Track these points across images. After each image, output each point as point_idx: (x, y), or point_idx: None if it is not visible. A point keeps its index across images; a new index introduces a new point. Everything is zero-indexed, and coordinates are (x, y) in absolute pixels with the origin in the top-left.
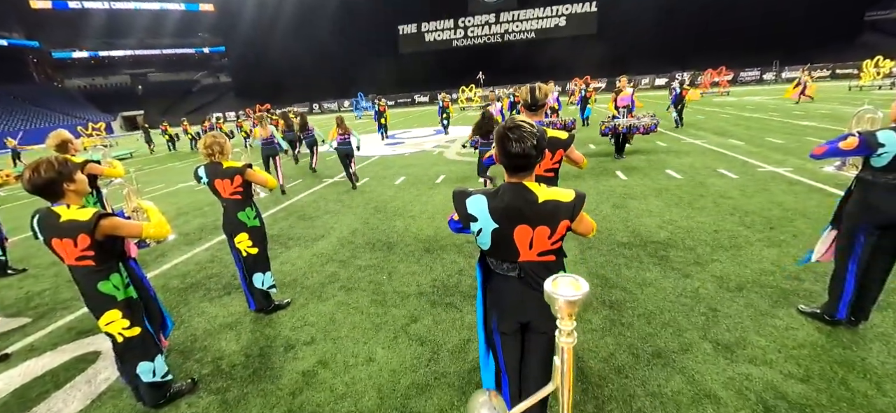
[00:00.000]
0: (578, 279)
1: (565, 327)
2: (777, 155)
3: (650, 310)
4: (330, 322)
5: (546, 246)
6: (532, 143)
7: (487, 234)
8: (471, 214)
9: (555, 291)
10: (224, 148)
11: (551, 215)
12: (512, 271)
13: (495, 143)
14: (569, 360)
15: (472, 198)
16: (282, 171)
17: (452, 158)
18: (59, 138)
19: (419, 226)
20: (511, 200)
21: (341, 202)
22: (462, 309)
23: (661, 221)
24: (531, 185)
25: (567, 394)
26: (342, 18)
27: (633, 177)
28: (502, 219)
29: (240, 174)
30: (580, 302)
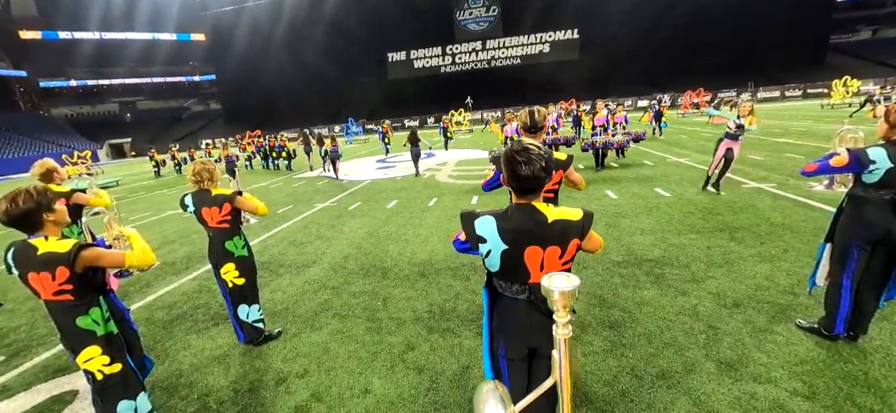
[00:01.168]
0: (570, 275)
1: (561, 319)
2: (760, 171)
3: (650, 329)
4: (324, 352)
5: (557, 266)
6: (541, 165)
7: (497, 256)
8: (480, 235)
9: (550, 285)
10: (213, 175)
11: (561, 235)
12: (521, 294)
13: (503, 165)
14: (566, 352)
15: (480, 218)
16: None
17: (444, 181)
18: (43, 167)
19: (413, 250)
20: (521, 221)
21: (333, 227)
22: (460, 334)
23: (653, 239)
24: (540, 205)
25: (566, 387)
26: (331, 45)
27: (623, 195)
28: (512, 240)
29: (229, 202)
30: (573, 293)
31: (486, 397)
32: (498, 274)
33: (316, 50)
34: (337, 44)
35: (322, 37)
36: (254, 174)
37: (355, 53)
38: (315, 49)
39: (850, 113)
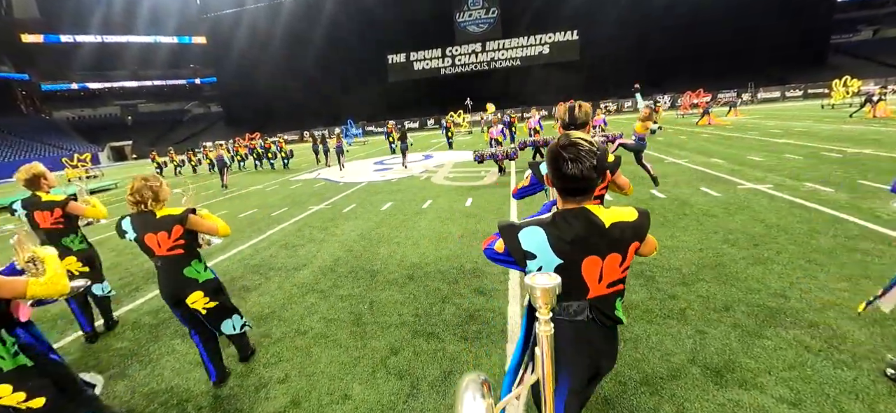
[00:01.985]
0: (552, 274)
1: (543, 316)
2: (757, 172)
3: (637, 333)
4: (306, 357)
5: (617, 275)
6: (591, 163)
7: (550, 272)
8: (527, 251)
9: (533, 283)
10: (158, 193)
11: (621, 240)
12: (581, 314)
13: (547, 162)
14: (548, 348)
15: (526, 230)
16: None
17: (440, 183)
18: (29, 173)
19: (404, 252)
20: (575, 229)
21: (326, 230)
22: (444, 339)
23: None
24: (594, 208)
25: (549, 383)
26: (331, 48)
27: (618, 197)
28: (567, 252)
29: (179, 223)
30: (555, 290)
31: (467, 387)
32: None
33: (316, 52)
34: (337, 46)
35: (322, 39)
36: (249, 175)
37: (355, 56)
38: (315, 51)
39: (850, 113)
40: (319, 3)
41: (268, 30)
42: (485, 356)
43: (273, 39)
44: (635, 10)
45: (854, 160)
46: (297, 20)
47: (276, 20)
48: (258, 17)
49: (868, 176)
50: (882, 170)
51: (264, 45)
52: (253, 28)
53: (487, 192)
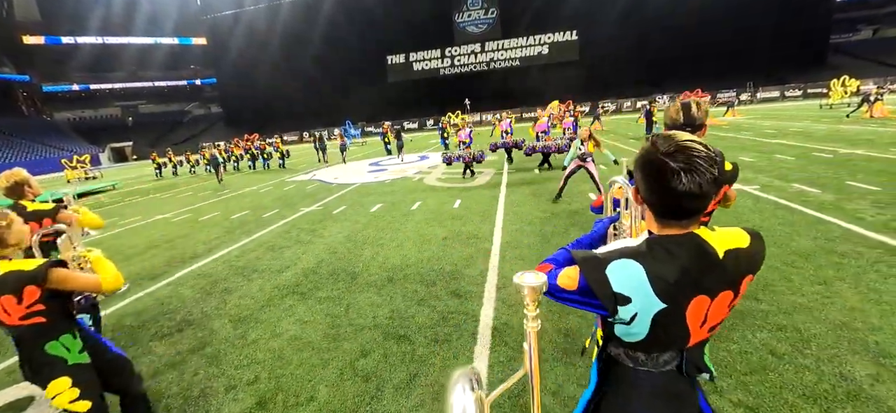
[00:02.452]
0: (539, 274)
1: (530, 313)
2: (747, 173)
3: None
4: (277, 359)
5: (723, 315)
6: (711, 175)
7: (646, 321)
8: (619, 294)
9: (521, 281)
10: (3, 238)
11: (734, 273)
12: (670, 364)
13: (642, 174)
14: (535, 344)
15: (616, 265)
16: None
17: (432, 184)
18: (11, 180)
19: (386, 254)
20: (684, 262)
21: (314, 231)
22: (414, 341)
23: None
24: (705, 233)
25: (535, 378)
26: (331, 49)
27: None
28: (671, 293)
29: (33, 283)
30: (542, 288)
31: (458, 379)
32: (639, 344)
33: (316, 53)
34: (336, 47)
35: (321, 40)
36: (245, 176)
37: (355, 56)
38: (315, 52)
39: (847, 113)
40: (319, 4)
41: (267, 30)
42: (452, 358)
43: (272, 40)
44: (634, 10)
45: (845, 161)
46: (296, 21)
47: (275, 21)
48: (258, 17)
49: (857, 177)
50: (872, 171)
51: (264, 46)
52: (252, 29)
53: (476, 193)
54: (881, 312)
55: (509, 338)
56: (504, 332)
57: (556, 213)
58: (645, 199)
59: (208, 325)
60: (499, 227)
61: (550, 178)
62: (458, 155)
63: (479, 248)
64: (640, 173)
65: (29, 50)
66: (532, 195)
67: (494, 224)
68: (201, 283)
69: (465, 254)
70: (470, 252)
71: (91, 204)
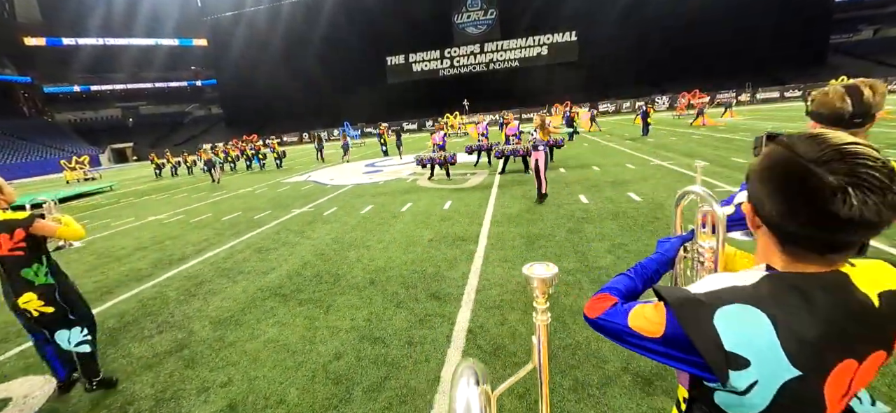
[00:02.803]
0: (549, 264)
1: (540, 306)
2: (738, 174)
3: (577, 341)
4: (253, 361)
5: (868, 380)
6: (893, 196)
7: (770, 392)
8: (735, 355)
9: (531, 273)
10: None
11: (888, 325)
12: None
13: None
14: (544, 338)
15: (728, 312)
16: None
17: (425, 185)
18: None
19: (371, 256)
20: (829, 313)
21: (302, 233)
22: (389, 344)
23: (610, 245)
24: (853, 272)
25: (544, 371)
26: (331, 50)
27: (595, 200)
28: (810, 358)
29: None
30: (552, 280)
31: (462, 372)
32: None
33: (315, 54)
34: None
35: (321, 41)
36: (242, 176)
37: (355, 57)
38: (315, 53)
39: None
40: (318, 5)
41: (267, 32)
42: (424, 361)
43: (273, 41)
44: (634, 11)
45: None
46: (296, 22)
47: (275, 22)
48: (258, 19)
49: None
50: None
51: (264, 47)
52: (253, 30)
53: (468, 194)
54: None
55: (483, 341)
56: (478, 334)
57: (544, 215)
58: (775, 225)
59: (188, 327)
60: (486, 229)
61: None
62: (429, 157)
63: (464, 249)
64: (769, 187)
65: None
66: (523, 197)
67: (482, 226)
68: (186, 285)
69: (449, 256)
70: (454, 254)
71: (88, 205)
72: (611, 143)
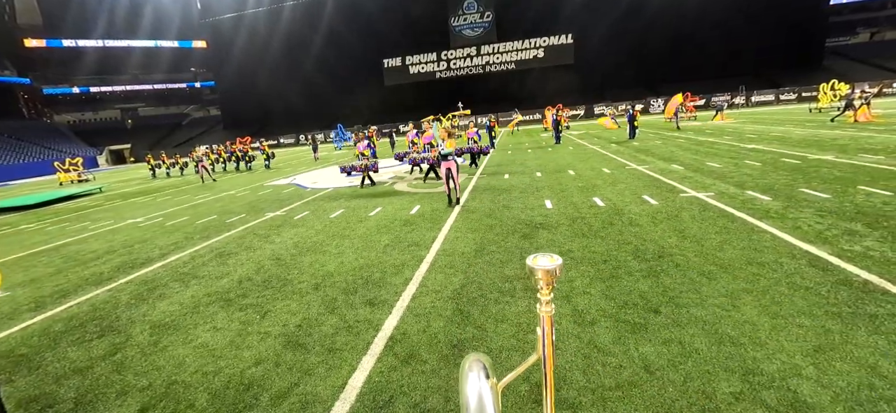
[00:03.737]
0: (553, 255)
1: (544, 297)
2: (707, 180)
3: (493, 348)
4: (177, 366)
5: None
6: None
7: None
8: None
9: (534, 264)
10: None
11: None
12: None
13: None
14: (549, 329)
15: None
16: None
17: (401, 189)
18: None
19: (325, 261)
20: None
21: (267, 238)
22: (310, 350)
23: (556, 252)
24: None
25: (549, 362)
26: (328, 52)
27: (560, 204)
28: None
29: None
30: (556, 271)
31: (472, 366)
32: None
33: (313, 57)
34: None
35: (319, 44)
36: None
37: (352, 60)
38: (312, 56)
39: (831, 117)
40: (316, 8)
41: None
42: (336, 368)
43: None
44: (630, 14)
45: (809, 167)
46: (294, 24)
47: (273, 25)
48: (256, 21)
49: (812, 184)
50: (830, 177)
51: (262, 50)
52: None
53: (438, 199)
54: (773, 326)
55: (401, 349)
56: (398, 342)
57: (504, 221)
58: None
59: (128, 332)
60: (443, 235)
61: (512, 187)
62: (350, 166)
63: (415, 255)
64: None
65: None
66: (490, 202)
67: (440, 231)
68: (140, 290)
69: (398, 261)
70: (404, 259)
71: (74, 207)
72: (595, 147)
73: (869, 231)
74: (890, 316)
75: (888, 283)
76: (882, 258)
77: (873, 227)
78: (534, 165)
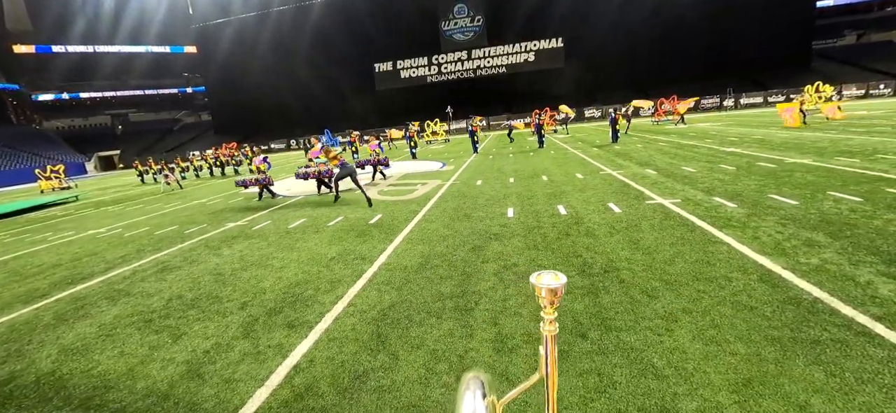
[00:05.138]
0: (558, 273)
1: (548, 316)
2: (677, 185)
3: (396, 381)
4: (65, 400)
5: None
6: None
7: None
8: None
9: (538, 282)
10: None
11: None
12: None
13: None
14: (552, 348)
15: None
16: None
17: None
18: None
19: (263, 276)
20: None
21: (216, 250)
22: (207, 380)
23: (500, 267)
24: None
25: (552, 381)
26: (319, 57)
27: (522, 213)
28: None
29: None
30: (560, 290)
31: (469, 384)
32: None
33: (304, 61)
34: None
35: (310, 48)
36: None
37: (343, 64)
38: (303, 60)
39: (803, 118)
40: (307, 13)
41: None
42: (226, 401)
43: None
44: (620, 18)
45: (783, 172)
46: (285, 30)
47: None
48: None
49: (783, 189)
50: (801, 182)
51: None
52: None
53: (402, 207)
54: (704, 355)
55: (300, 380)
56: (302, 371)
57: (460, 231)
58: None
59: (33, 357)
60: (392, 247)
61: (480, 194)
62: (303, 172)
63: (357, 269)
64: None
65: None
66: (453, 210)
67: (392, 243)
68: (66, 309)
69: (337, 276)
70: (344, 274)
71: (44, 217)
72: (576, 151)
73: (830, 241)
74: (833, 342)
75: (838, 301)
76: (838, 273)
77: (835, 236)
78: (510, 170)
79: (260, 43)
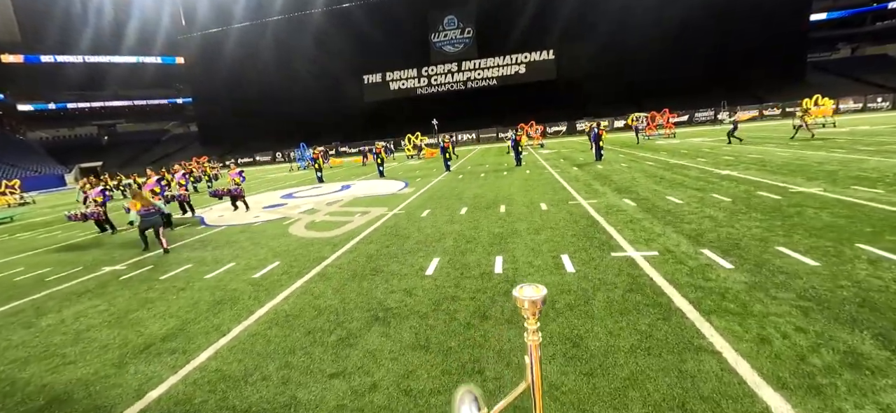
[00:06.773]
0: (539, 286)
1: (531, 326)
2: (657, 226)
3: None
4: None
5: None
6: None
7: None
8: None
9: (521, 295)
10: None
11: None
12: None
13: None
14: (536, 357)
15: None
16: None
17: (294, 233)
18: None
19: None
20: None
21: (56, 311)
22: None
23: (366, 383)
24: None
25: (538, 389)
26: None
27: (446, 269)
28: None
29: None
30: (541, 301)
31: (463, 398)
32: None
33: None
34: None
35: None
36: None
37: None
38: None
39: (791, 135)
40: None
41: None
42: None
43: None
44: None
45: (791, 206)
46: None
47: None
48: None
49: (794, 238)
50: (817, 224)
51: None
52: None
53: (315, 248)
54: None
55: None
56: None
57: (346, 301)
58: None
59: None
60: (291, 290)
61: (413, 235)
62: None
63: (234, 315)
64: None
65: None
66: (366, 259)
67: (295, 282)
68: None
69: (205, 327)
70: (213, 323)
71: None
72: (553, 171)
73: (886, 354)
74: None
75: None
76: None
77: (890, 340)
78: (470, 196)
79: (248, 54)
